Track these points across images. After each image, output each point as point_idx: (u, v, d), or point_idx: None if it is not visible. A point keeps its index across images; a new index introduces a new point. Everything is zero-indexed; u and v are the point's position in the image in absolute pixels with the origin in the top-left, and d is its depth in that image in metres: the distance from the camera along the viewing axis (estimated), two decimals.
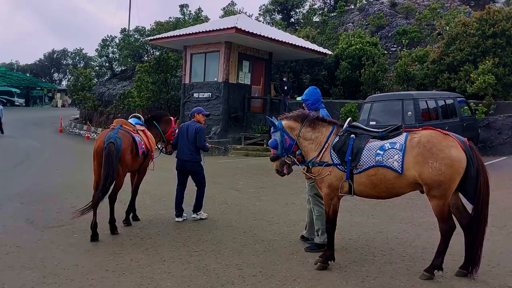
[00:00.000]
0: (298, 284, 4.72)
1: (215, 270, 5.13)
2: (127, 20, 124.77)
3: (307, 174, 5.42)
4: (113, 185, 6.56)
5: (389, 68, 21.40)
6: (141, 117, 7.68)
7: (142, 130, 7.33)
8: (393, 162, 4.71)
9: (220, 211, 8.32)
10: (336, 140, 5.14)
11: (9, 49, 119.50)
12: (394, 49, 25.10)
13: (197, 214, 7.64)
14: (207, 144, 7.76)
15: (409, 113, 11.67)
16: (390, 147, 4.79)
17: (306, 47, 20.78)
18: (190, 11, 32.84)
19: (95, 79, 35.12)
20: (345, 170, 4.96)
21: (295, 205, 8.23)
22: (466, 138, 4.77)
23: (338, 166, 5.03)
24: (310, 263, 5.35)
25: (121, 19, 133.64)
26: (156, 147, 7.88)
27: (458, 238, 6.13)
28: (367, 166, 4.85)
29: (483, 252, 4.81)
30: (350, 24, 30.56)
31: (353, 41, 21.79)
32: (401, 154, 4.69)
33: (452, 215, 4.79)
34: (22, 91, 62.10)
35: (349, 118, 5.41)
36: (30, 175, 12.66)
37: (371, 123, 12.24)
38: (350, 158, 4.93)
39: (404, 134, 4.88)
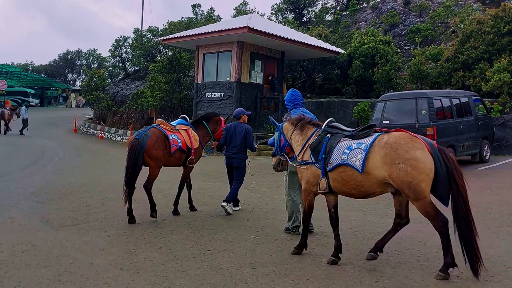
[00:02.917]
0: (311, 283, 4.70)
1: (228, 269, 5.14)
2: (135, 22, 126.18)
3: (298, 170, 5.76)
4: (139, 176, 7.25)
5: (402, 67, 21.24)
6: (187, 117, 8.31)
7: (185, 130, 7.92)
8: (355, 161, 4.91)
9: (233, 211, 8.32)
10: (314, 140, 5.49)
11: (19, 50, 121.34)
12: (408, 47, 24.90)
13: (227, 205, 7.90)
14: (254, 145, 8.38)
15: (423, 112, 11.56)
16: (356, 146, 4.99)
17: (319, 46, 20.72)
18: (202, 11, 33.00)
19: (109, 79, 35.44)
20: (321, 168, 5.26)
21: None
22: (435, 141, 4.92)
23: (315, 164, 5.33)
24: (324, 262, 5.34)
25: (129, 20, 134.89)
26: (203, 148, 8.36)
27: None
28: (336, 163, 5.10)
29: (499, 252, 4.74)
30: (362, 22, 30.39)
31: (366, 40, 21.66)
32: (363, 154, 4.85)
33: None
34: (37, 91, 62.86)
35: (330, 119, 5.70)
36: (45, 174, 12.81)
37: (384, 122, 12.16)
38: (323, 156, 5.22)
39: (375, 135, 5.02)
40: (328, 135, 5.36)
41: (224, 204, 7.86)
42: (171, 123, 8.01)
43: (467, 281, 4.69)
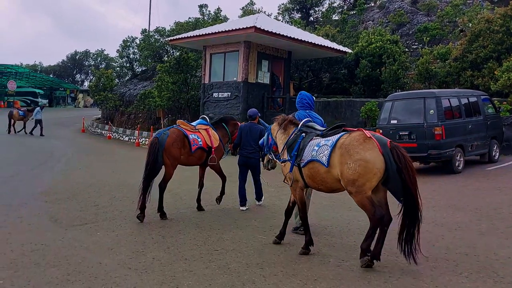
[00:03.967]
0: (319, 284, 4.69)
1: (236, 269, 5.14)
2: (140, 23, 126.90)
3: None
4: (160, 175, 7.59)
5: (410, 66, 21.13)
6: (206, 117, 8.64)
7: (205, 129, 8.19)
8: (322, 157, 5.29)
9: (240, 210, 8.34)
10: (290, 139, 5.92)
11: (27, 51, 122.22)
12: (415, 46, 24.78)
13: (261, 201, 8.74)
14: None
15: (431, 111, 11.51)
16: (324, 143, 5.36)
17: (326, 45, 20.66)
18: (209, 11, 32.97)
19: (116, 80, 35.53)
20: (291, 164, 5.71)
21: (315, 204, 8.17)
22: (389, 140, 5.11)
23: (290, 161, 5.76)
24: (332, 262, 5.33)
25: (135, 21, 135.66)
26: (223, 147, 8.63)
27: (485, 240, 6.03)
28: (307, 160, 5.48)
29: (509, 253, 4.71)
30: (370, 22, 30.28)
31: (373, 39, 21.57)
32: (329, 150, 5.23)
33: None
34: (46, 92, 63.28)
35: (306, 119, 6.14)
36: (53, 174, 12.89)
37: (392, 121, 12.12)
38: (295, 153, 5.64)
39: (341, 134, 5.34)
40: (303, 134, 5.78)
41: (259, 203, 8.71)
42: (191, 123, 8.27)
43: (476, 281, 4.66)
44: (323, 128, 5.83)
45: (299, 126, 5.93)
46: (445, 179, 11.00)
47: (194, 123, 8.30)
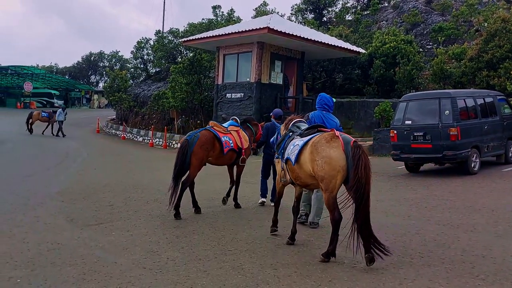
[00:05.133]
0: (334, 285, 4.67)
1: (250, 270, 5.14)
2: (153, 24, 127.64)
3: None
4: (186, 174, 7.88)
5: (424, 66, 20.94)
6: (237, 119, 8.94)
7: (236, 131, 8.50)
8: (293, 155, 5.72)
9: (254, 211, 8.35)
10: (280, 138, 6.43)
11: (43, 52, 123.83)
12: (430, 46, 24.54)
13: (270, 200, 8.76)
14: None
15: (447, 112, 11.37)
16: (297, 143, 5.74)
17: (339, 46, 20.59)
18: (222, 12, 33.02)
19: (131, 81, 35.80)
20: (281, 161, 6.17)
21: None
22: (354, 140, 5.38)
23: (279, 158, 6.26)
24: (346, 264, 5.30)
25: (147, 23, 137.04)
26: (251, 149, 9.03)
27: (502, 242, 5.95)
28: (286, 157, 5.94)
29: None
30: (384, 22, 30.07)
31: (387, 39, 21.43)
32: (299, 149, 5.63)
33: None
34: (61, 93, 64.01)
35: (298, 119, 6.46)
36: (69, 174, 13.05)
37: (406, 122, 12.02)
38: (282, 151, 6.10)
39: (315, 134, 5.66)
40: (290, 133, 6.16)
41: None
42: (223, 124, 8.62)
43: (493, 285, 4.60)
44: (303, 129, 6.12)
45: (290, 126, 6.30)
46: (461, 180, 10.87)
47: (225, 125, 8.62)
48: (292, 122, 6.35)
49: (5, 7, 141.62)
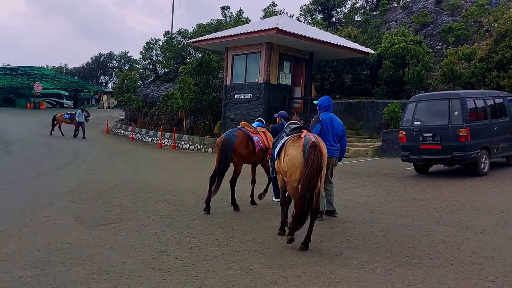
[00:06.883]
0: (342, 286, 4.66)
1: (258, 270, 5.14)
2: (160, 26, 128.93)
3: None
4: (229, 172, 8.30)
5: (434, 67, 20.82)
6: (263, 120, 9.42)
7: (263, 132, 8.94)
8: (275, 153, 6.51)
9: (262, 211, 8.35)
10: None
11: (50, 53, 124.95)
12: (439, 47, 24.41)
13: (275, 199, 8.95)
14: None
15: (456, 112, 11.30)
16: (282, 142, 6.39)
17: (348, 46, 20.54)
18: (231, 12, 33.10)
19: (140, 81, 35.99)
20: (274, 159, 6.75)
21: (337, 206, 8.14)
22: (313, 140, 5.91)
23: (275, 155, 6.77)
24: (355, 265, 5.29)
25: (155, 24, 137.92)
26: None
27: (511, 243, 5.90)
28: (275, 154, 6.58)
29: None
30: (393, 22, 29.96)
31: (396, 40, 21.34)
32: (279, 148, 6.38)
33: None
34: (71, 93, 64.55)
35: (293, 120, 6.97)
36: (78, 175, 13.14)
37: (415, 123, 11.95)
38: (274, 149, 6.70)
39: (294, 134, 6.28)
40: (283, 133, 6.72)
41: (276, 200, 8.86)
42: (252, 125, 9.04)
43: (503, 286, 4.57)
44: (290, 130, 6.61)
45: (285, 127, 6.89)
46: (470, 182, 10.80)
47: (253, 125, 9.04)
48: (287, 124, 6.93)
49: (10, 7, 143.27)
